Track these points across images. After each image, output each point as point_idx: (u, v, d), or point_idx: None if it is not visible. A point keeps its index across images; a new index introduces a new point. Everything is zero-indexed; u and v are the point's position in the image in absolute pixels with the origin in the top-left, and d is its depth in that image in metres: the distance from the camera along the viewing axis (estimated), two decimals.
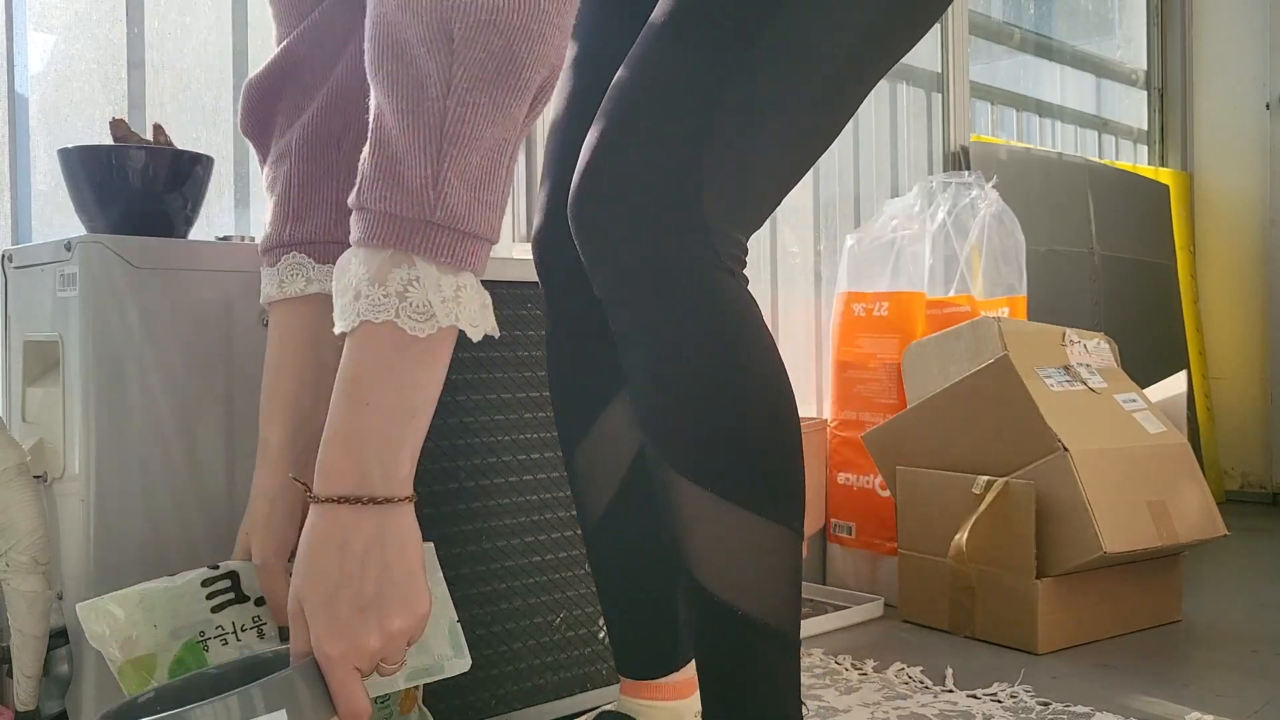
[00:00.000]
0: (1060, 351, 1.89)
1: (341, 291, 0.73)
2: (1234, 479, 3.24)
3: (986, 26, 2.90)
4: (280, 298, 0.97)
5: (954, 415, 1.82)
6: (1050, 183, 2.77)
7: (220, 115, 1.51)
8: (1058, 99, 3.15)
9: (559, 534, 1.31)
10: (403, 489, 0.74)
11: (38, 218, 1.35)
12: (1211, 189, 3.35)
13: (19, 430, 1.14)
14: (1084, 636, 1.74)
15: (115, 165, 1.10)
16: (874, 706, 1.43)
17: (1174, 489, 1.79)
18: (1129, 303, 2.94)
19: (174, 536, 1.07)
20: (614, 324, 0.88)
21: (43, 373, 1.13)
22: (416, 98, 0.70)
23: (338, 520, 0.72)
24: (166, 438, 1.07)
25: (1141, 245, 3.05)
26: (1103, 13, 3.41)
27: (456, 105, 0.70)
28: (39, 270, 1.10)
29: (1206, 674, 1.59)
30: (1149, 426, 1.85)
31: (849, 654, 1.66)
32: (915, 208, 2.18)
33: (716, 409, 0.86)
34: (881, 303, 2.09)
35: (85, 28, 1.40)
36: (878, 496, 2.05)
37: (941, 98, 2.63)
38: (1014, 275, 2.24)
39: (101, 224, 1.11)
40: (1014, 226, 2.24)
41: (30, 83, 1.35)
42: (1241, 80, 3.28)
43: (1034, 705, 1.44)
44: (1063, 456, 1.69)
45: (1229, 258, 3.29)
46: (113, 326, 1.04)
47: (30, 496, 1.03)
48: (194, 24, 1.48)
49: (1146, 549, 1.71)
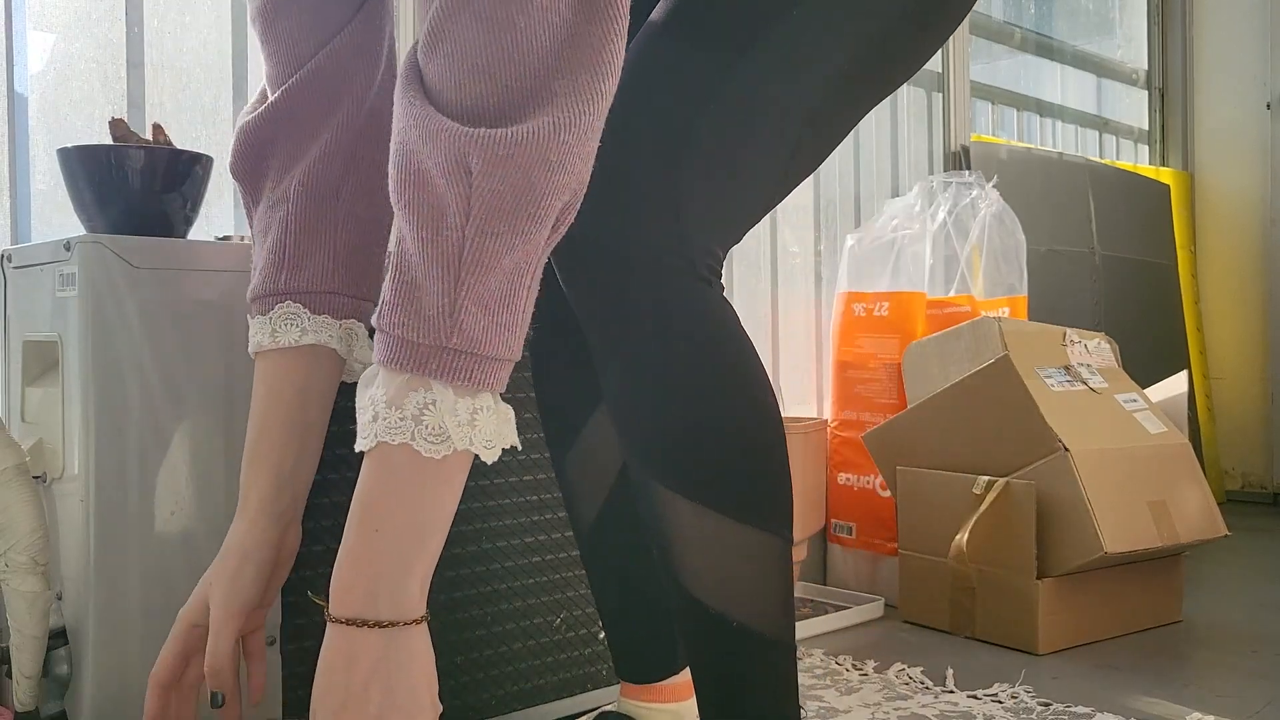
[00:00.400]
0: (1061, 351, 1.89)
1: (361, 410, 0.74)
2: (1234, 479, 3.24)
3: (987, 26, 2.90)
4: (273, 347, 0.96)
5: (954, 415, 1.82)
6: (1051, 183, 2.77)
7: (220, 115, 1.51)
8: (1058, 99, 3.15)
9: (559, 534, 1.31)
10: (411, 612, 0.74)
11: (37, 218, 1.35)
12: (1212, 189, 3.35)
13: (18, 430, 1.14)
14: (1084, 637, 1.74)
15: (114, 165, 1.10)
16: (874, 707, 1.43)
17: (1175, 489, 1.79)
18: (1129, 303, 2.94)
19: (174, 536, 1.07)
20: (588, 330, 0.88)
21: (42, 373, 1.12)
22: (436, 225, 0.70)
23: (347, 639, 0.74)
24: (166, 438, 1.07)
25: (1142, 245, 3.04)
26: (1103, 12, 3.41)
27: (475, 234, 0.70)
28: (38, 270, 1.10)
29: (1207, 674, 1.59)
30: (1149, 426, 1.85)
31: (849, 654, 1.66)
32: (916, 208, 2.18)
33: (695, 418, 0.86)
34: (882, 303, 2.09)
35: (85, 27, 1.40)
36: (878, 497, 2.05)
37: (942, 97, 2.63)
38: (1014, 275, 2.24)
39: (101, 224, 1.11)
40: (1014, 226, 2.24)
41: (30, 82, 1.35)
42: (1242, 80, 3.28)
43: (1034, 706, 1.44)
44: (1063, 456, 1.69)
45: (1229, 258, 3.29)
46: (112, 326, 1.04)
47: (30, 496, 1.03)
48: (194, 24, 1.48)
49: (1147, 549, 1.71)
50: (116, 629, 1.04)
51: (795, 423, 1.84)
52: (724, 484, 0.86)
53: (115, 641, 1.04)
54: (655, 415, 0.86)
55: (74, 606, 1.05)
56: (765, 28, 0.84)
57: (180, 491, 1.07)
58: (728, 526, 0.85)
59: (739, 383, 0.87)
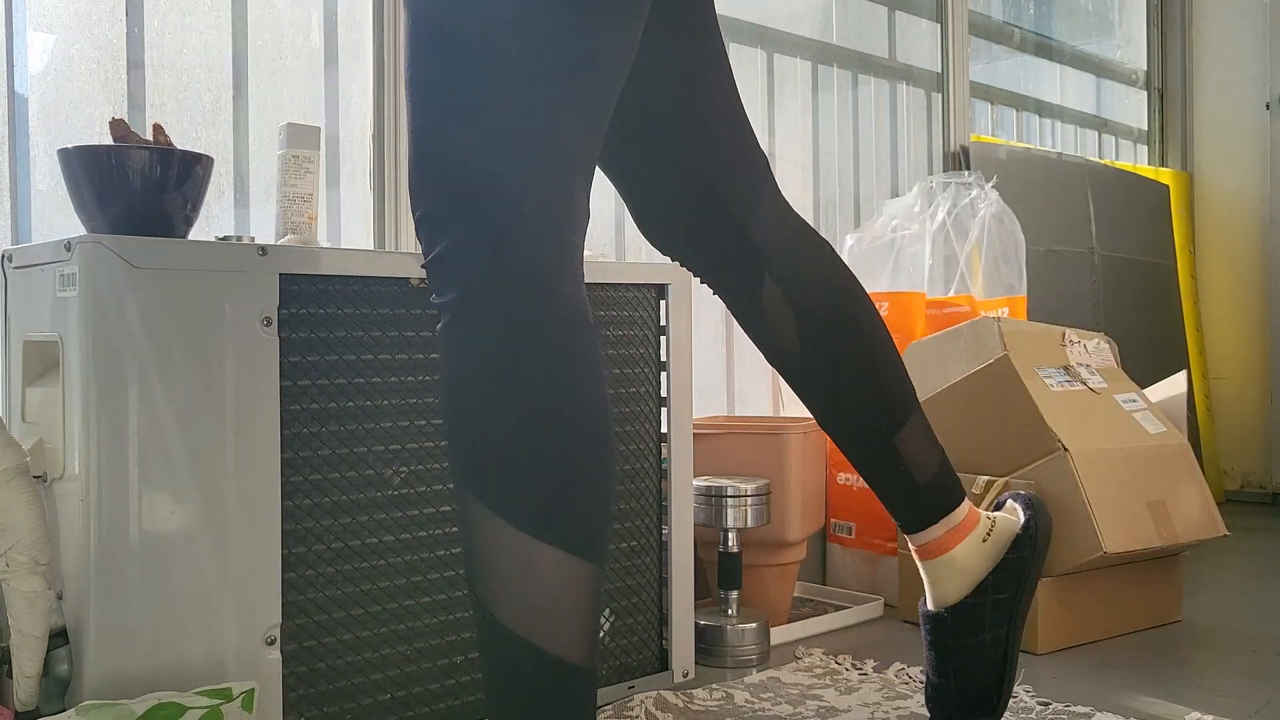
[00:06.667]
0: (1060, 351, 1.89)
1: None
2: (1234, 479, 3.24)
3: (986, 26, 2.90)
4: None
5: (954, 415, 1.82)
6: (1050, 183, 2.77)
7: (220, 116, 1.51)
8: (1058, 99, 3.15)
9: None
10: None
11: (38, 218, 1.35)
12: (1211, 189, 3.35)
13: (19, 430, 1.14)
14: (1084, 636, 1.74)
15: (115, 165, 1.10)
16: (874, 706, 1.43)
17: (1174, 489, 1.79)
18: (1129, 303, 2.94)
19: (174, 536, 1.07)
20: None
21: (42, 373, 1.12)
22: None
23: None
24: (166, 438, 1.07)
25: (1141, 245, 3.05)
26: (1103, 13, 3.41)
27: None
28: (39, 270, 1.10)
29: (1206, 674, 1.59)
30: (1149, 426, 1.85)
31: (849, 654, 1.66)
32: (915, 208, 2.18)
33: (486, 419, 0.86)
34: (881, 303, 2.09)
35: (85, 27, 1.40)
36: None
37: (941, 98, 2.63)
38: (1014, 275, 2.24)
39: (101, 224, 1.11)
40: (1014, 226, 2.24)
41: (30, 82, 1.35)
42: (1241, 80, 3.28)
43: (1034, 705, 1.44)
44: (1063, 456, 1.69)
45: (1229, 258, 3.29)
46: (112, 326, 1.04)
47: (30, 496, 1.03)
48: (194, 24, 1.48)
49: (1147, 549, 1.71)
50: (116, 629, 1.04)
51: (795, 423, 1.84)
52: (522, 496, 0.85)
53: (115, 641, 1.04)
54: (452, 414, 0.88)
55: (74, 606, 1.05)
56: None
57: (180, 491, 1.08)
58: (524, 541, 0.84)
59: (551, 393, 0.87)
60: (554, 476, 0.85)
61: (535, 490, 0.85)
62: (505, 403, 0.85)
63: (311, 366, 1.18)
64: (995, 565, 1.21)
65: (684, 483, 1.52)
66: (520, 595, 0.84)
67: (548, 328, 0.86)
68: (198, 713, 0.99)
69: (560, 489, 0.86)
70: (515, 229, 0.86)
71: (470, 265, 0.86)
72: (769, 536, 1.77)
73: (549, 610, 0.85)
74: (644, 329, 1.49)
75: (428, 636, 1.26)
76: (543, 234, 0.87)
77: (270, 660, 1.13)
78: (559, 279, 0.87)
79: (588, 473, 0.87)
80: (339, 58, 1.62)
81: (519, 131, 0.87)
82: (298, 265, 1.16)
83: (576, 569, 0.85)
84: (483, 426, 0.85)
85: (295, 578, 1.16)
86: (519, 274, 0.86)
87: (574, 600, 0.86)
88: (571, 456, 0.86)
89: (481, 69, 0.87)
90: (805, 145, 2.33)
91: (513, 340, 0.85)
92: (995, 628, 1.21)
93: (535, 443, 0.85)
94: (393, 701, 1.23)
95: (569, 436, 0.86)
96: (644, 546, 1.49)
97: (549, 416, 0.86)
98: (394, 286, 1.24)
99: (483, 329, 0.85)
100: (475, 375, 0.86)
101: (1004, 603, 1.21)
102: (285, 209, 1.30)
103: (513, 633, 0.84)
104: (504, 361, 0.85)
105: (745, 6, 2.20)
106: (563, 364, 0.86)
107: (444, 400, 0.88)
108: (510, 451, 0.85)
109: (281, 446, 1.14)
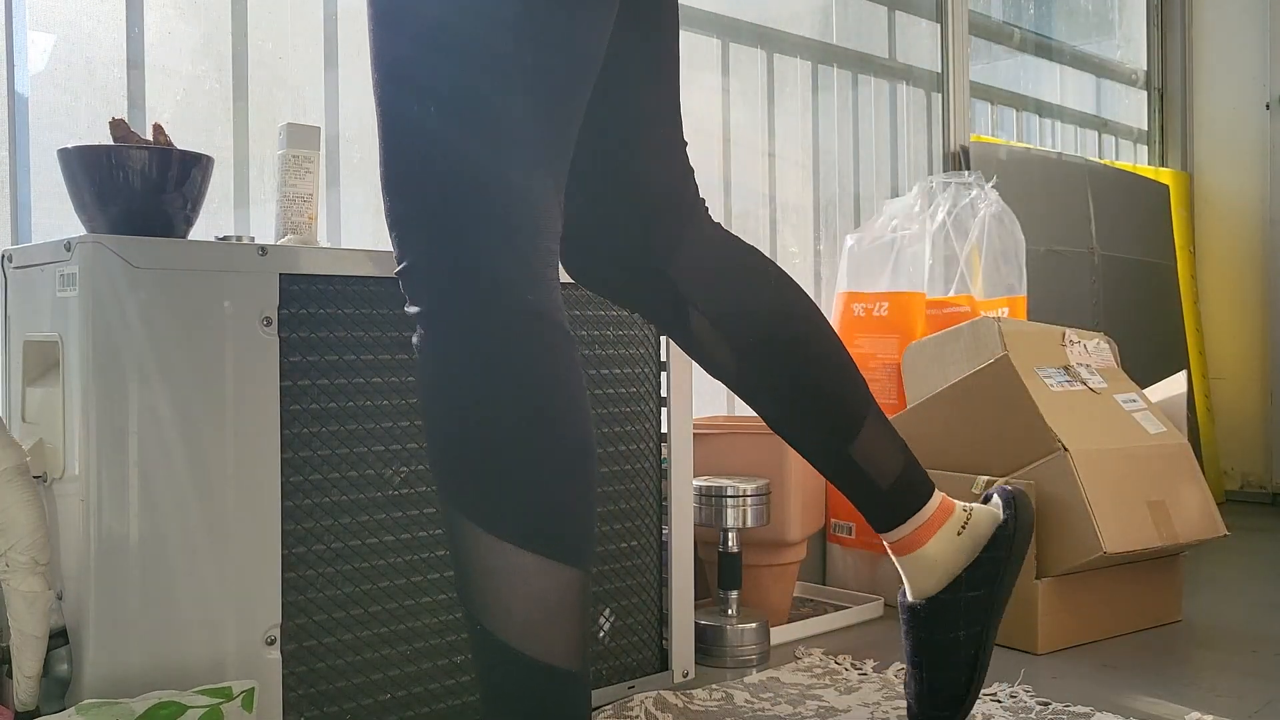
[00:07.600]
0: (1060, 351, 1.89)
1: None
2: (1234, 479, 3.24)
3: (986, 26, 2.90)
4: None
5: (954, 415, 1.82)
6: (1050, 183, 2.77)
7: (220, 115, 1.51)
8: (1058, 99, 3.15)
9: None
10: None
11: (38, 218, 1.35)
12: (1211, 189, 3.35)
13: (19, 430, 1.14)
14: (1084, 636, 1.74)
15: (115, 165, 1.10)
16: (874, 706, 1.43)
17: (1174, 489, 1.79)
18: (1129, 303, 2.94)
19: (174, 536, 1.07)
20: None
21: (42, 373, 1.13)
22: None
23: None
24: (166, 438, 1.07)
25: (1141, 245, 3.05)
26: (1103, 13, 3.41)
27: None
28: (39, 270, 1.10)
29: (1206, 674, 1.59)
30: (1149, 426, 1.85)
31: (849, 654, 1.66)
32: (915, 208, 2.18)
33: (462, 433, 0.86)
34: (881, 303, 2.09)
35: (85, 27, 1.40)
36: None
37: (941, 98, 2.63)
38: (1014, 275, 2.24)
39: (101, 224, 1.11)
40: (1014, 226, 2.24)
41: (30, 83, 1.35)
42: (1241, 80, 3.28)
43: (1034, 705, 1.44)
44: (1063, 456, 1.69)
45: (1229, 258, 3.29)
46: (112, 326, 1.04)
47: (30, 496, 1.03)
48: (194, 24, 1.48)
49: (1146, 549, 1.71)
50: (116, 629, 1.04)
51: None
52: (502, 508, 0.85)
53: (115, 641, 1.04)
54: (431, 426, 0.87)
55: (74, 606, 1.05)
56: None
57: (180, 491, 1.08)
58: (508, 551, 0.84)
59: (535, 403, 0.86)
60: (533, 486, 0.85)
61: (515, 501, 0.85)
62: (479, 417, 0.85)
63: (311, 366, 1.18)
64: (971, 562, 1.20)
65: (684, 483, 1.52)
66: (507, 606, 0.84)
67: (517, 339, 0.86)
68: (198, 712, 0.99)
69: (540, 498, 0.85)
70: (481, 239, 0.85)
71: (436, 278, 0.85)
72: (769, 536, 1.77)
73: (537, 620, 0.85)
74: (644, 329, 1.49)
75: (428, 636, 1.26)
76: (509, 243, 0.86)
77: (270, 660, 1.13)
78: (528, 286, 0.87)
79: (567, 480, 0.86)
80: (339, 58, 1.62)
81: (486, 131, 0.87)
82: (298, 265, 1.16)
83: (562, 576, 0.85)
84: (459, 440, 0.85)
85: (295, 578, 1.16)
86: (485, 286, 0.85)
87: (561, 608, 0.86)
88: (550, 465, 0.86)
89: (455, 65, 0.87)
90: (805, 145, 2.33)
91: (483, 354, 0.85)
92: (969, 625, 1.20)
93: (512, 454, 0.85)
94: (393, 701, 1.24)
95: (546, 446, 0.86)
96: (644, 546, 1.49)
97: (524, 427, 0.85)
98: (394, 286, 1.24)
99: (452, 343, 0.85)
100: (449, 391, 0.86)
101: (977, 601, 1.19)
102: (285, 209, 1.30)
103: (502, 642, 0.85)
104: (476, 376, 0.85)
105: (745, 6, 2.20)
106: (534, 374, 0.86)
107: (422, 415, 0.88)
108: (488, 464, 0.85)
109: (281, 446, 1.14)
